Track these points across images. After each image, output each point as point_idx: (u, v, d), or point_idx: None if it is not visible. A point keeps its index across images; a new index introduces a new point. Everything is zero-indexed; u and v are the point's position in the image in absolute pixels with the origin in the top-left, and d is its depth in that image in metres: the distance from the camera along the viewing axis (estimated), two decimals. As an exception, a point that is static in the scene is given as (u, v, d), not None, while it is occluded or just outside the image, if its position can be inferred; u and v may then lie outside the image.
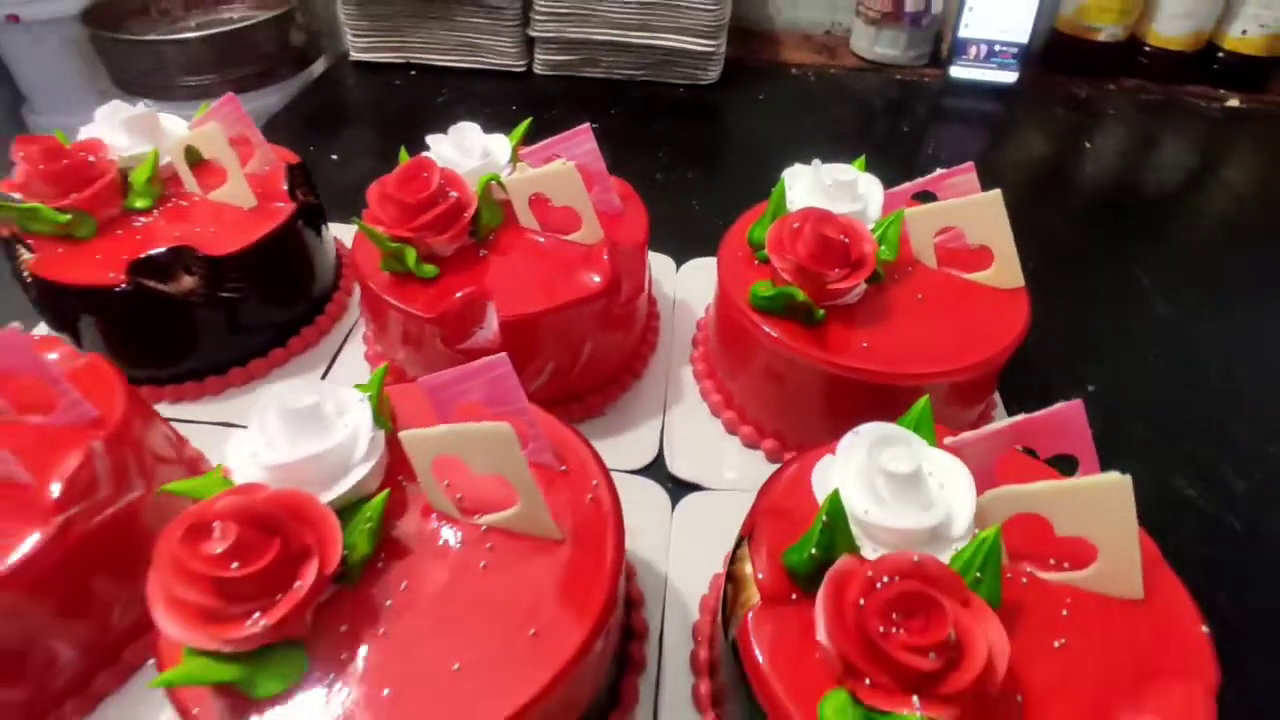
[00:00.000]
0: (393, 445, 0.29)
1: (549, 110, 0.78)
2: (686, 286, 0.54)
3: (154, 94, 0.81)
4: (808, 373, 0.38)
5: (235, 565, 0.23)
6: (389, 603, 0.26)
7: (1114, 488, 0.25)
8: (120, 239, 0.43)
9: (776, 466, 0.32)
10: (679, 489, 0.41)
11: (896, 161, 0.72)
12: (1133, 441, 0.46)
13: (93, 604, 0.31)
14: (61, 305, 0.43)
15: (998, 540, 0.25)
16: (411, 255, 0.39)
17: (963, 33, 0.79)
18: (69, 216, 0.41)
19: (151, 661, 0.33)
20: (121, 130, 0.45)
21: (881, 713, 0.22)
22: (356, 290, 0.52)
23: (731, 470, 0.42)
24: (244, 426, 0.28)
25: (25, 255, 0.42)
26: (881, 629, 0.22)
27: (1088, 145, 0.75)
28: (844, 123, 0.79)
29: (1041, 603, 0.27)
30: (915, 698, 0.22)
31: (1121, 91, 0.84)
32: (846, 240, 0.37)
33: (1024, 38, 0.78)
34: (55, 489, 0.30)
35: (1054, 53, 0.85)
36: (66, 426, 0.31)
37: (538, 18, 0.78)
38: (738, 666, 0.26)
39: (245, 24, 0.77)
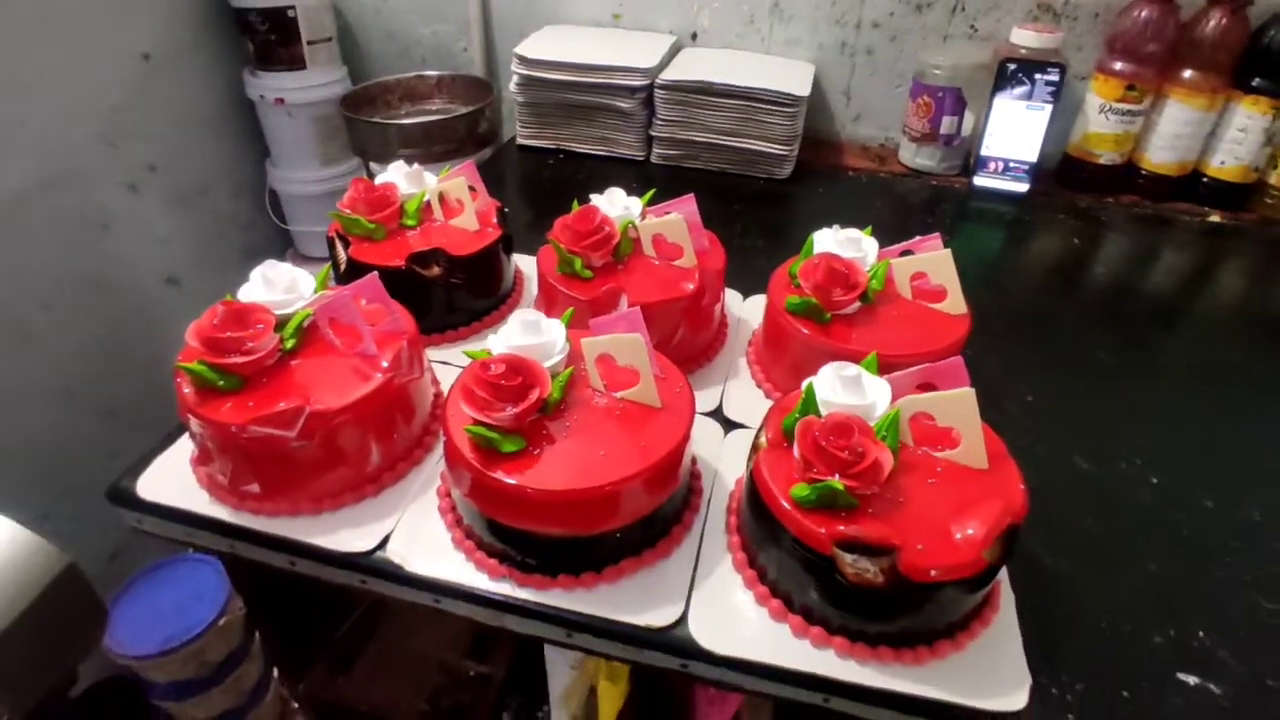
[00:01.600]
0: (574, 350, 0.53)
1: (660, 188, 1.04)
2: (749, 310, 0.77)
3: (378, 158, 1.13)
4: (820, 353, 0.60)
5: (502, 380, 0.47)
6: (567, 425, 0.49)
7: (965, 396, 0.46)
8: (398, 242, 0.69)
9: (788, 395, 0.54)
10: (729, 426, 0.63)
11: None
12: (1051, 434, 0.65)
13: (390, 429, 0.56)
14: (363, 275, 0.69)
15: (897, 417, 0.46)
16: (578, 262, 0.64)
17: (984, 151, 1.02)
18: (374, 226, 0.69)
19: (417, 467, 0.57)
20: (403, 179, 0.73)
21: (819, 481, 0.43)
22: (524, 295, 0.77)
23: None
24: (456, 364, 0.52)
25: (342, 248, 0.70)
26: (825, 440, 0.44)
27: (1075, 241, 0.96)
28: (886, 214, 1.02)
29: (926, 463, 0.47)
30: (837, 474, 0.43)
31: (1119, 205, 1.04)
32: (846, 271, 0.60)
33: (1033, 157, 1.00)
34: (385, 359, 0.54)
35: (1064, 171, 1.06)
36: (391, 330, 0.57)
37: (658, 121, 1.06)
38: (752, 484, 0.48)
39: (450, 115, 1.08)
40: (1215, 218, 1.01)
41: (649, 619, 0.48)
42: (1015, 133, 1.00)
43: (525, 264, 0.80)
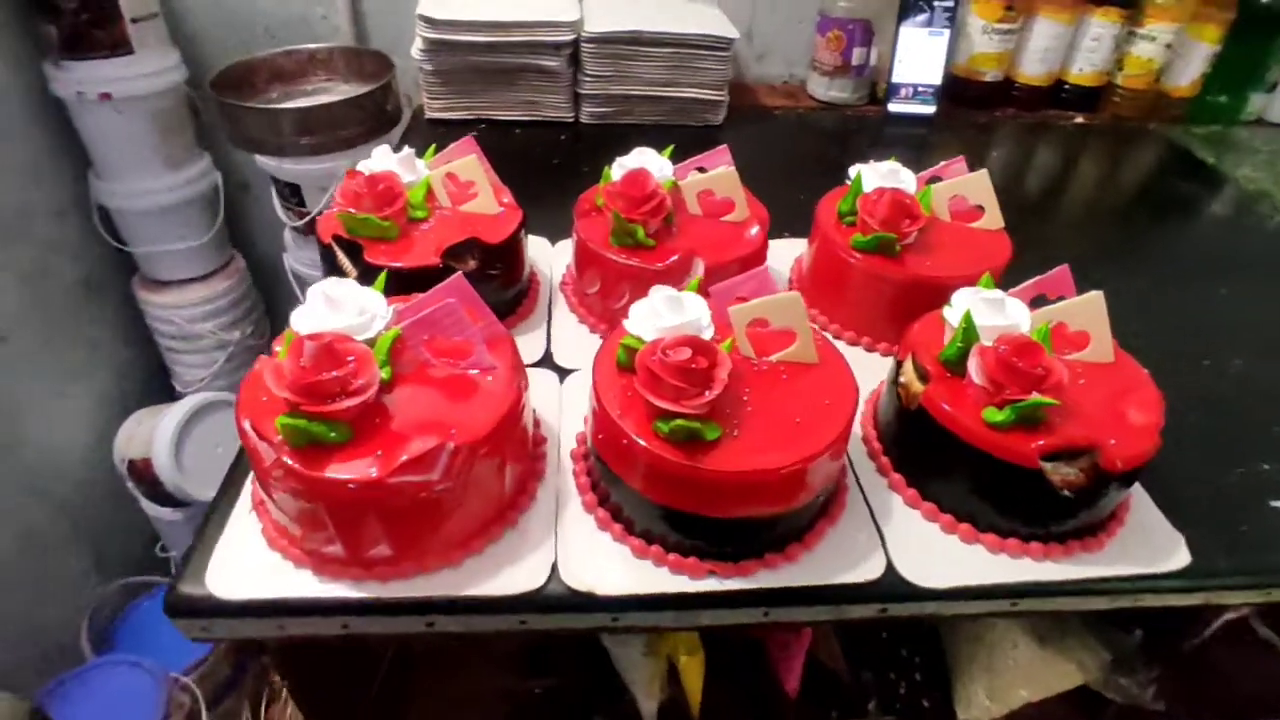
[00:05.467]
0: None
1: (593, 148, 1.00)
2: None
3: (265, 149, 0.96)
4: (897, 286, 0.61)
5: (691, 365, 0.43)
6: (745, 398, 0.46)
7: (1095, 299, 0.50)
8: (415, 239, 0.60)
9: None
10: (817, 372, 0.63)
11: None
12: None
13: (523, 446, 0.49)
14: (389, 283, 0.59)
15: (1047, 330, 0.49)
16: (640, 231, 0.60)
17: (895, 78, 1.08)
18: (388, 224, 0.59)
19: (541, 483, 0.51)
20: (396, 166, 0.63)
21: (1018, 401, 0.45)
22: (540, 284, 0.70)
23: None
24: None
25: (343, 254, 0.59)
26: (1013, 362, 0.45)
27: (985, 153, 1.06)
28: (819, 146, 1.05)
29: (1070, 366, 0.50)
30: (1035, 392, 0.45)
31: (1004, 117, 1.15)
32: (910, 203, 0.61)
33: (938, 79, 1.08)
34: (501, 367, 0.48)
35: (955, 90, 1.16)
36: (493, 335, 0.49)
37: (586, 78, 1.00)
38: (923, 419, 0.48)
39: (356, 93, 0.94)
40: (1079, 119, 1.16)
41: (860, 575, 0.47)
42: (920, 59, 1.07)
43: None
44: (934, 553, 0.49)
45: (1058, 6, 1.07)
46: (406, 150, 0.64)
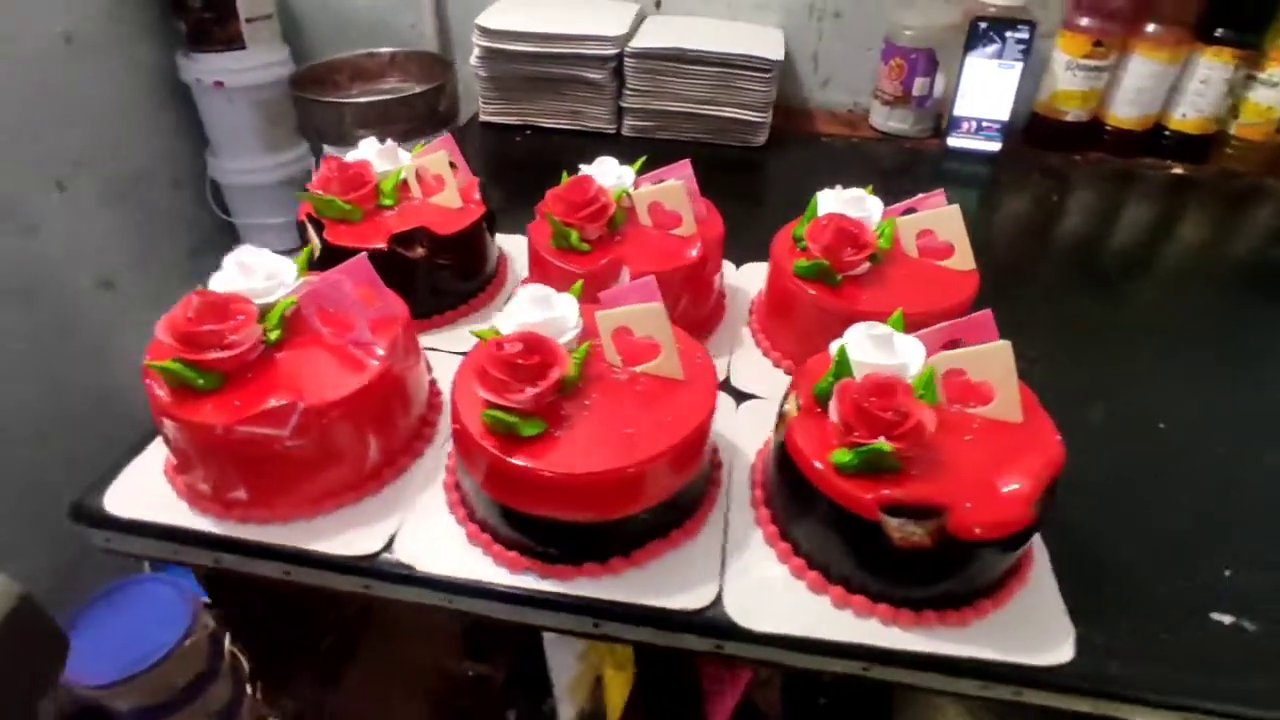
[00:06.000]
0: (587, 323, 0.50)
1: (632, 161, 1.01)
2: (743, 279, 0.75)
3: (331, 140, 1.07)
4: (830, 316, 0.58)
5: (520, 359, 0.43)
6: (586, 404, 0.46)
7: (1001, 349, 0.45)
8: (376, 224, 0.65)
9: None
10: (739, 397, 0.61)
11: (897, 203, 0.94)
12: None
13: (389, 422, 0.52)
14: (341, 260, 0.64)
15: (933, 374, 0.45)
16: (574, 235, 0.61)
17: (957, 111, 1.01)
18: (350, 207, 0.64)
19: (418, 460, 0.53)
20: (375, 156, 0.68)
21: (863, 445, 0.41)
22: (508, 277, 0.73)
23: (774, 387, 0.62)
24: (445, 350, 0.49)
25: (314, 231, 0.65)
26: (865, 403, 0.42)
27: (1054, 199, 0.96)
28: (864, 178, 1.00)
29: (962, 420, 0.46)
30: (882, 437, 0.41)
31: (1086, 162, 1.05)
32: (856, 231, 0.58)
33: (1005, 115, 1.00)
34: (380, 347, 0.50)
35: (1033, 129, 1.07)
36: (384, 315, 0.52)
37: (629, 91, 1.02)
38: (783, 454, 0.46)
39: (410, 93, 1.02)
40: (1178, 170, 1.03)
41: (683, 602, 0.45)
42: (987, 92, 0.99)
43: (503, 245, 0.76)
44: (773, 595, 0.46)
45: (1155, 43, 0.96)
46: (389, 143, 0.69)
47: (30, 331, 1.04)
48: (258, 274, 0.51)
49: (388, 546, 0.48)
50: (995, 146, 1.02)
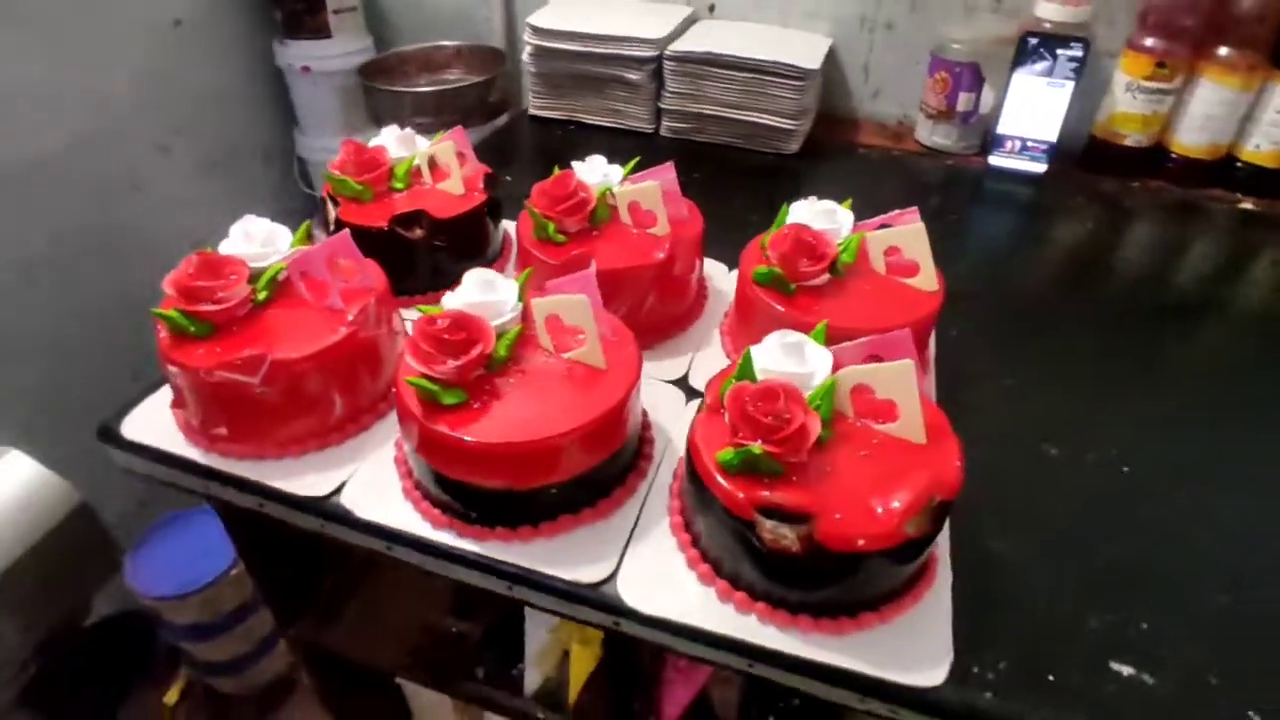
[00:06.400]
0: (526, 310, 0.54)
1: (664, 160, 1.04)
2: (732, 283, 0.76)
3: (390, 124, 1.15)
4: (783, 324, 0.59)
5: (446, 334, 0.48)
6: (511, 381, 0.50)
7: (904, 368, 0.45)
8: (385, 204, 0.71)
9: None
10: (693, 395, 0.63)
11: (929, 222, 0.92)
12: (1026, 420, 0.63)
13: (353, 381, 0.58)
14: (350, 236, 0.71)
15: (832, 387, 0.46)
16: (551, 227, 0.65)
17: (1000, 130, 0.98)
18: (362, 187, 0.71)
19: (381, 420, 0.59)
20: (394, 142, 0.75)
21: (743, 446, 0.43)
22: (511, 259, 0.78)
23: (731, 391, 0.63)
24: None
25: (333, 207, 0.72)
26: (749, 406, 0.44)
27: (1091, 226, 0.92)
28: (893, 193, 0.99)
29: (863, 434, 0.46)
30: (760, 440, 0.43)
31: (1145, 190, 0.99)
32: (814, 242, 0.59)
33: (1052, 136, 0.96)
34: (351, 314, 0.56)
35: (1089, 152, 1.02)
36: (360, 286, 0.58)
37: (667, 93, 1.05)
38: (688, 448, 0.48)
39: (461, 84, 1.09)
40: (1247, 205, 0.95)
41: (579, 575, 0.49)
42: (1034, 111, 0.96)
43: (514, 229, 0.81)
44: (665, 581, 0.49)
45: (1227, 68, 0.89)
46: (408, 130, 0.76)
47: (136, 277, 1.18)
48: (256, 240, 0.58)
49: (336, 492, 0.54)
50: (1040, 168, 0.98)
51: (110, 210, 1.12)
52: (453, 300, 0.52)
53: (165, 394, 0.62)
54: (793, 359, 0.47)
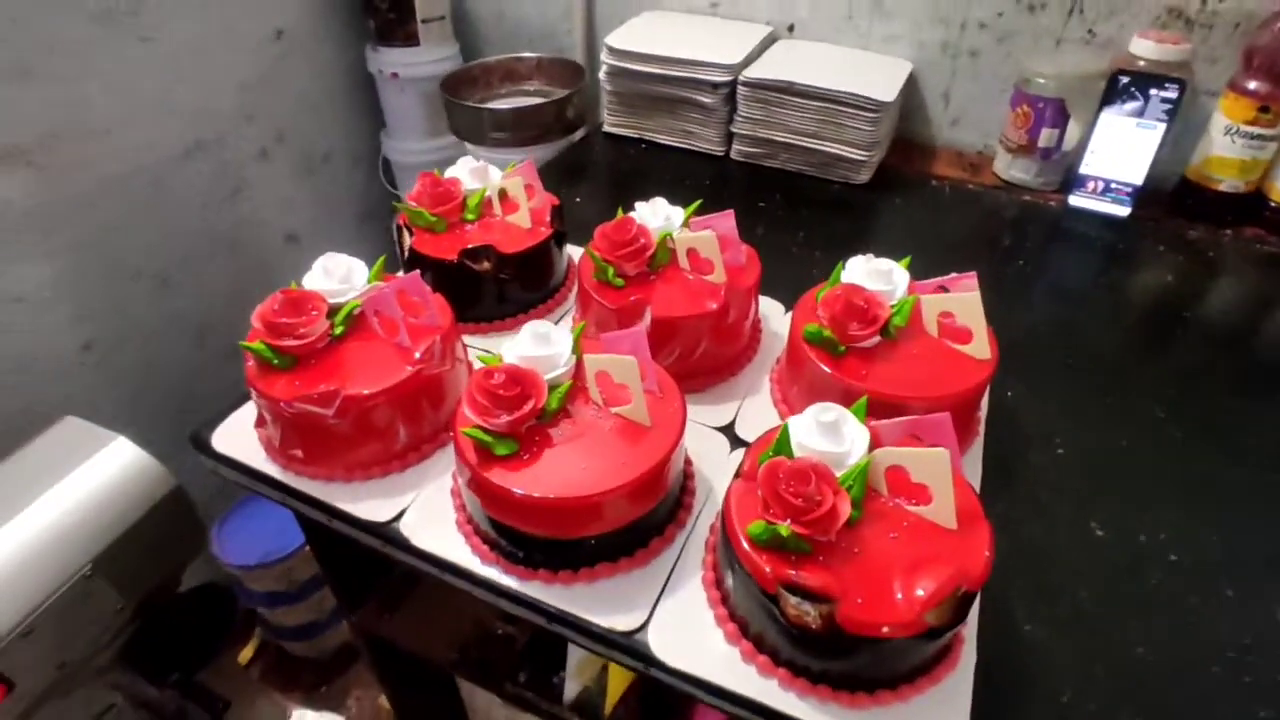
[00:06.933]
0: (579, 364, 0.56)
1: (735, 186, 1.05)
2: (789, 324, 0.77)
3: (471, 139, 1.19)
4: (830, 385, 0.60)
5: (501, 390, 0.51)
6: (561, 433, 0.53)
7: (939, 456, 0.46)
8: (456, 236, 0.75)
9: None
10: (738, 443, 0.65)
11: (999, 264, 0.90)
12: (1073, 493, 0.62)
13: (417, 413, 0.62)
14: (423, 265, 0.75)
15: (865, 468, 0.47)
16: (611, 271, 0.67)
17: (1083, 169, 0.95)
18: (436, 219, 0.75)
19: (439, 451, 0.63)
20: (468, 175, 0.78)
21: (772, 524, 0.45)
22: (574, 288, 0.81)
23: (775, 441, 0.65)
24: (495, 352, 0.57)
25: (408, 236, 0.76)
26: (783, 486, 0.45)
27: (1170, 279, 0.88)
28: (961, 229, 0.97)
29: (895, 515, 0.47)
30: (789, 520, 0.44)
31: (1237, 239, 0.94)
32: (865, 306, 0.59)
33: (1139, 179, 0.92)
34: (418, 352, 0.60)
35: (1179, 196, 0.97)
36: (427, 324, 0.62)
37: (739, 118, 1.05)
38: (723, 509, 0.50)
39: (539, 102, 1.12)
40: (1352, 261, 0.89)
41: (614, 622, 0.52)
42: (1121, 151, 0.92)
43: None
44: (693, 636, 0.51)
45: (1339, 117, 0.84)
46: (482, 162, 0.79)
47: (234, 272, 1.28)
48: (335, 277, 0.63)
49: (397, 518, 0.59)
50: (1123, 211, 0.94)
51: (215, 213, 1.20)
52: (510, 352, 0.55)
53: (251, 409, 0.68)
54: (829, 437, 0.48)
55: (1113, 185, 0.94)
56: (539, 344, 0.55)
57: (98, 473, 0.88)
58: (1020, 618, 0.52)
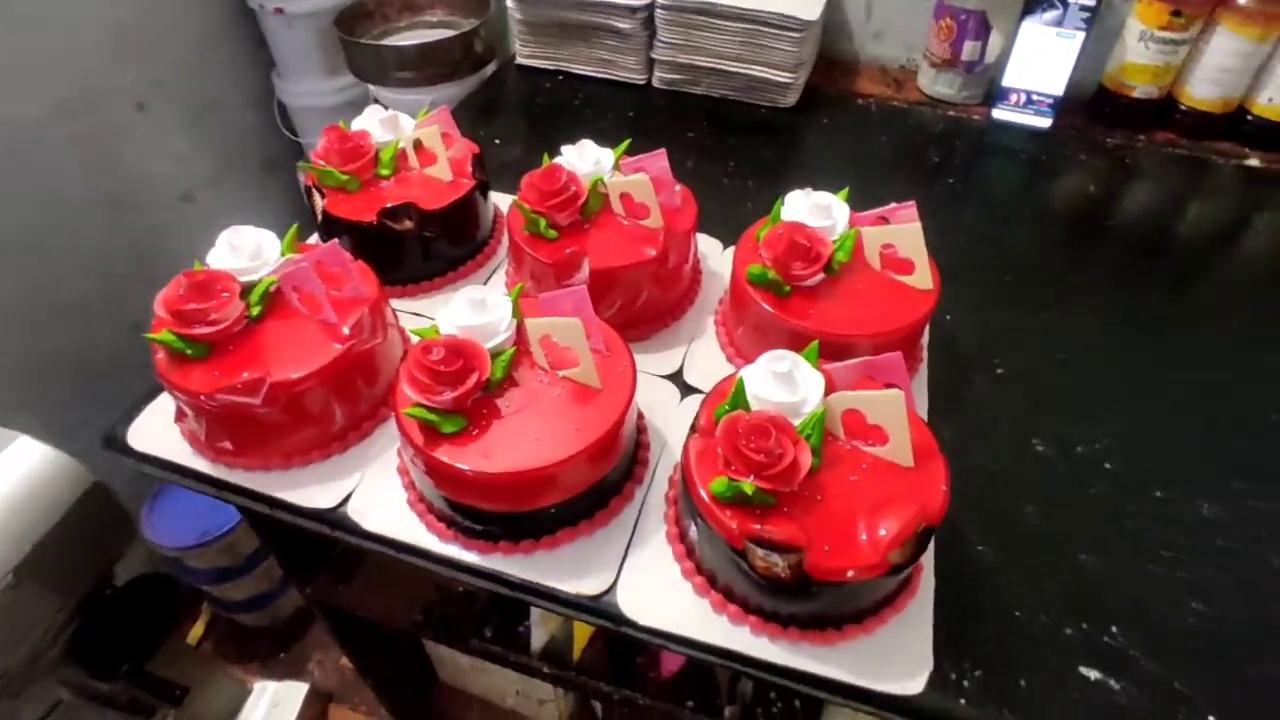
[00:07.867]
0: (520, 328, 0.54)
1: (659, 116, 1.01)
2: (727, 262, 0.76)
3: (374, 79, 1.10)
4: (777, 327, 0.59)
5: (442, 365, 0.48)
6: (509, 403, 0.51)
7: (894, 397, 0.46)
8: (372, 194, 0.69)
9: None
10: (688, 390, 0.64)
11: (929, 183, 0.90)
12: (1014, 413, 0.65)
13: (352, 392, 0.58)
14: (338, 230, 0.70)
15: (822, 415, 0.47)
16: (543, 222, 0.64)
17: (1005, 81, 0.95)
18: (347, 178, 0.69)
19: (382, 425, 0.60)
20: (378, 125, 0.72)
21: (735, 481, 0.45)
22: (503, 239, 0.77)
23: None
24: (430, 317, 0.53)
25: (319, 199, 0.70)
26: (743, 442, 0.45)
27: (1092, 188, 0.90)
28: (889, 149, 0.97)
29: (853, 457, 0.48)
30: (751, 476, 0.44)
31: (1151, 144, 0.96)
32: (808, 244, 0.58)
33: (1059, 90, 0.93)
34: (346, 326, 0.56)
35: (1096, 104, 0.99)
36: (352, 296, 0.58)
37: (659, 43, 1.00)
38: (682, 467, 0.50)
39: (445, 35, 1.04)
40: (1254, 161, 0.93)
41: (580, 587, 0.51)
42: (1042, 62, 0.92)
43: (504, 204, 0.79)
44: (662, 593, 0.51)
45: (1245, 18, 0.85)
46: (391, 112, 0.73)
47: (122, 235, 1.16)
48: (243, 253, 0.58)
49: (343, 503, 0.56)
50: (1044, 123, 0.95)
51: (95, 174, 1.09)
52: (447, 322, 0.52)
53: (167, 400, 0.63)
54: (785, 388, 0.48)
55: (1034, 97, 0.94)
56: (476, 311, 0.52)
57: (3, 477, 0.82)
58: (973, 540, 0.54)
